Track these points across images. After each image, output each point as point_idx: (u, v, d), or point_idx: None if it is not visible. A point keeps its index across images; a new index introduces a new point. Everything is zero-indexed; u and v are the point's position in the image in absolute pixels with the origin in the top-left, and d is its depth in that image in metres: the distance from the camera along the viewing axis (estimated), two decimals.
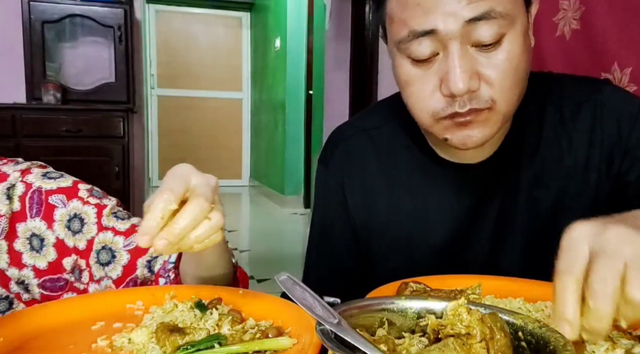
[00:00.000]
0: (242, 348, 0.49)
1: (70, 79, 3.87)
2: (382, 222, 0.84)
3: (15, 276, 0.76)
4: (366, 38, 4.08)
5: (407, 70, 0.68)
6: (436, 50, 0.64)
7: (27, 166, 0.80)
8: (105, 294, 0.67)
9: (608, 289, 0.42)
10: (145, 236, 0.48)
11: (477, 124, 0.67)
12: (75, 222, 0.78)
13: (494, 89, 0.65)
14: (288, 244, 4.31)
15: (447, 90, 0.64)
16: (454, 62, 0.63)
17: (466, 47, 0.63)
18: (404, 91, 0.71)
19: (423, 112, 0.69)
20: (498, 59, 0.64)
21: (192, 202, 0.50)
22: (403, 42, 0.66)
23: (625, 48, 1.25)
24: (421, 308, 0.48)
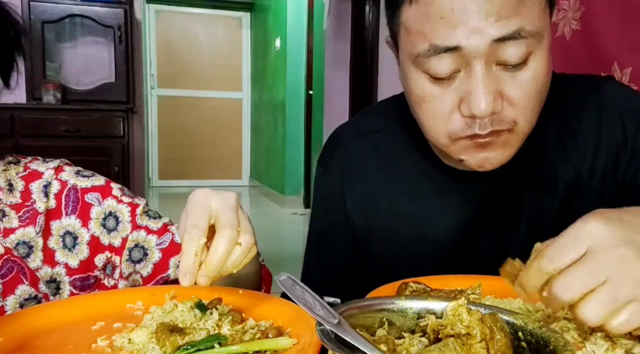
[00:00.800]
0: (242, 348, 0.49)
1: (70, 79, 3.87)
2: (383, 229, 0.82)
3: (48, 274, 0.77)
4: (366, 38, 4.08)
5: (423, 87, 0.63)
6: (458, 68, 0.60)
7: (57, 164, 0.82)
8: (105, 294, 0.67)
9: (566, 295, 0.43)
10: (185, 276, 0.52)
11: (497, 145, 0.64)
12: (110, 220, 0.80)
13: (516, 109, 0.61)
14: (288, 244, 4.30)
15: (468, 111, 0.60)
16: (477, 82, 0.58)
17: (491, 66, 0.59)
18: (418, 107, 0.66)
19: (439, 132, 0.65)
20: (523, 79, 0.60)
21: (221, 236, 0.53)
22: (421, 57, 0.61)
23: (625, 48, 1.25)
24: (421, 308, 0.48)
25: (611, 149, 0.73)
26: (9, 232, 0.75)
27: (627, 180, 0.72)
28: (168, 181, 7.12)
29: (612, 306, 0.42)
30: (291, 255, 3.97)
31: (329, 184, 0.87)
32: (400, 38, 0.65)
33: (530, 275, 0.47)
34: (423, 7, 0.59)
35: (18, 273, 0.74)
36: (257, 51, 6.94)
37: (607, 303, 0.42)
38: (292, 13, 5.36)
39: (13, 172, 0.79)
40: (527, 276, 0.47)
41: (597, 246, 0.44)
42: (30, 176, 0.79)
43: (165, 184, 7.10)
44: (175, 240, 0.82)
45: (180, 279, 0.52)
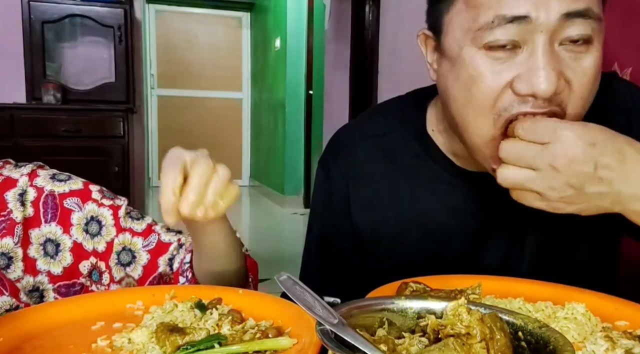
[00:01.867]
0: (242, 348, 0.49)
1: (70, 79, 3.87)
2: (391, 235, 0.81)
3: (30, 283, 0.75)
4: (366, 38, 4.08)
5: (478, 64, 0.59)
6: (520, 42, 0.57)
7: (31, 168, 0.79)
8: (105, 294, 0.67)
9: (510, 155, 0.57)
10: (168, 213, 0.53)
11: None
12: (93, 225, 0.78)
13: (572, 95, 0.58)
14: (288, 244, 4.30)
15: (528, 88, 0.56)
16: (541, 58, 0.56)
17: (554, 44, 0.57)
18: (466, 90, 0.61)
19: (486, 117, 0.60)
20: (586, 64, 0.58)
21: (196, 165, 0.54)
22: (483, 29, 0.57)
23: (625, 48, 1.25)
24: (421, 308, 0.48)
25: None
26: None
27: None
28: None
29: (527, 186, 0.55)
30: (291, 255, 3.97)
31: (332, 188, 0.84)
32: (454, 16, 0.61)
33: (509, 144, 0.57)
34: None
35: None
36: (257, 51, 6.94)
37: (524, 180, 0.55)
38: (292, 13, 5.36)
39: None
40: None
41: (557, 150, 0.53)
42: (4, 184, 0.76)
43: None
44: (161, 240, 0.80)
45: (164, 217, 0.53)
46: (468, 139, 0.65)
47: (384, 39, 3.28)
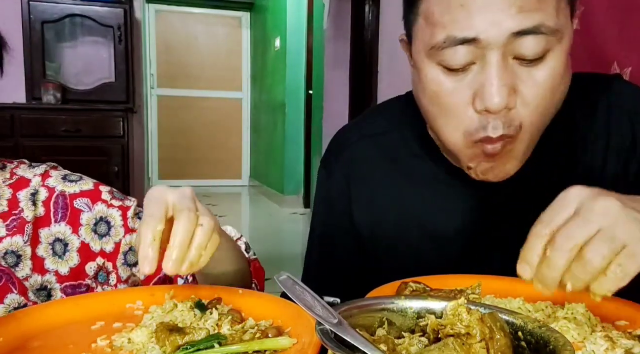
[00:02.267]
0: (242, 348, 0.49)
1: (70, 79, 3.87)
2: (391, 235, 0.80)
3: (39, 282, 0.76)
4: (366, 38, 4.08)
5: (438, 80, 0.62)
6: (473, 60, 0.59)
7: (44, 169, 0.80)
8: (105, 294, 0.67)
9: (568, 244, 0.45)
10: (144, 262, 0.50)
11: (502, 158, 0.63)
12: (102, 226, 0.79)
13: (526, 109, 0.60)
14: (288, 244, 4.30)
15: (482, 105, 0.58)
16: (492, 75, 0.57)
17: (507, 59, 0.58)
18: (433, 104, 0.65)
19: (456, 131, 0.63)
20: (539, 77, 0.59)
21: (179, 218, 0.52)
22: (437, 48, 0.59)
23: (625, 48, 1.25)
24: (421, 308, 0.48)
25: (621, 152, 0.71)
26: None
27: (638, 181, 0.70)
28: (168, 181, 7.12)
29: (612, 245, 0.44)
30: (291, 255, 3.97)
31: (334, 188, 0.84)
32: (418, 30, 0.64)
33: (530, 244, 0.48)
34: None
35: (7, 283, 0.73)
36: (257, 51, 6.94)
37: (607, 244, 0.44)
38: (292, 13, 5.36)
39: (0, 179, 0.77)
40: (527, 246, 0.48)
41: (584, 203, 0.47)
42: (18, 184, 0.77)
43: (165, 184, 7.07)
44: None
45: (141, 266, 0.50)
46: (444, 145, 0.68)
47: (384, 39, 3.28)
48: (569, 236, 0.45)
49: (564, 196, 0.49)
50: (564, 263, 0.45)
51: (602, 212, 0.46)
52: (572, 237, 0.45)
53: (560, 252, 0.45)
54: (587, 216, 0.46)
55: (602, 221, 0.45)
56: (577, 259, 0.45)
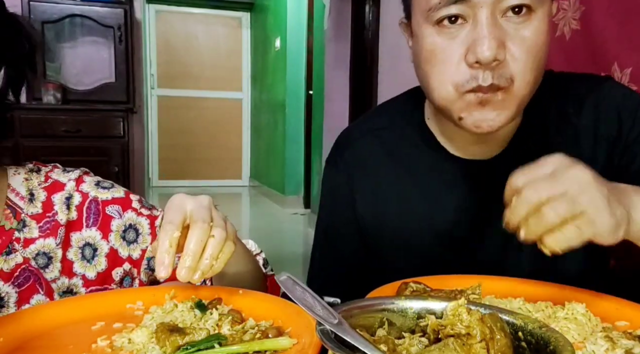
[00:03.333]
0: (242, 348, 0.49)
1: (70, 79, 3.87)
2: (393, 225, 0.83)
3: (65, 285, 0.77)
4: (366, 38, 4.08)
5: (433, 40, 0.67)
6: (465, 18, 0.64)
7: (78, 174, 0.82)
8: (105, 294, 0.67)
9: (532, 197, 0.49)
10: (160, 267, 0.53)
11: (494, 105, 0.66)
12: (130, 232, 0.81)
13: (516, 64, 0.64)
14: (288, 244, 4.30)
15: (473, 57, 0.63)
16: (483, 29, 0.62)
17: (496, 16, 0.63)
18: (427, 62, 0.69)
19: (446, 83, 0.67)
20: (526, 33, 0.64)
21: (193, 228, 0.55)
22: (433, 10, 0.65)
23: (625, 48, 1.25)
24: (421, 308, 0.48)
25: (608, 144, 0.75)
26: (29, 242, 0.75)
27: (620, 173, 0.73)
28: (168, 181, 7.12)
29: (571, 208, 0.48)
30: (291, 255, 3.97)
31: (338, 182, 0.87)
32: (415, 2, 0.70)
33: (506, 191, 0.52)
34: None
35: (34, 283, 0.75)
36: (257, 51, 6.94)
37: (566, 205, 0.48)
38: (292, 13, 5.36)
39: (35, 181, 0.79)
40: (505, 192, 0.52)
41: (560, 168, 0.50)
42: (53, 187, 0.79)
43: (165, 184, 7.10)
44: None
45: (157, 271, 0.53)
46: (436, 101, 0.71)
47: (384, 39, 3.28)
48: (535, 189, 0.49)
49: (545, 158, 0.52)
50: (523, 213, 0.49)
51: (572, 178, 0.49)
52: (537, 191, 0.49)
53: (523, 202, 0.49)
54: (557, 177, 0.49)
55: (569, 185, 0.48)
56: (534, 212, 0.49)
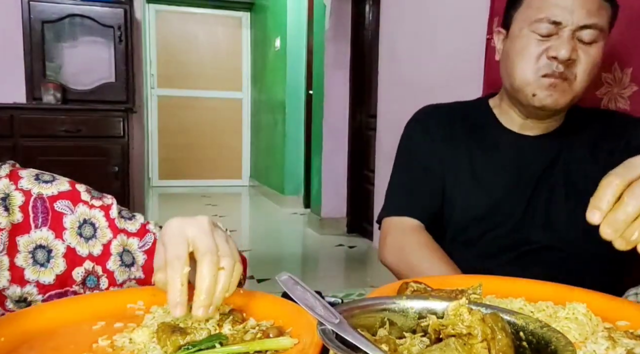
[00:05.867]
0: (243, 348, 0.49)
1: (70, 79, 3.87)
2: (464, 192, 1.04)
3: (17, 294, 0.71)
4: (366, 38, 4.08)
5: (528, 40, 0.95)
6: (554, 32, 0.92)
7: (8, 169, 0.74)
8: (105, 294, 0.67)
9: None
10: (176, 307, 0.51)
11: (559, 89, 0.93)
12: (86, 228, 0.75)
13: (580, 67, 0.92)
14: (288, 244, 4.30)
15: (554, 52, 0.91)
16: (564, 40, 0.91)
17: (573, 38, 0.91)
18: (518, 54, 0.96)
19: (529, 68, 0.94)
20: (590, 51, 0.92)
21: (202, 263, 0.52)
22: (536, 22, 0.93)
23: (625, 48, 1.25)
24: (422, 307, 0.48)
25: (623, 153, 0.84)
26: None
27: None
28: (168, 181, 7.12)
29: None
30: (291, 255, 3.97)
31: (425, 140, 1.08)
32: (519, 14, 0.97)
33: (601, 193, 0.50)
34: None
35: None
36: (257, 51, 6.94)
37: None
38: (292, 13, 5.35)
39: None
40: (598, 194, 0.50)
41: None
42: None
43: (165, 184, 7.10)
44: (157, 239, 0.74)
45: (172, 311, 0.51)
46: (516, 82, 0.97)
47: (384, 39, 3.28)
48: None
49: (630, 160, 0.52)
50: (637, 209, 0.48)
51: None
52: None
53: (636, 199, 0.48)
54: None
55: None
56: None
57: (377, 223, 1.13)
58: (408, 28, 2.92)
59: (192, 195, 6.50)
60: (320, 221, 4.40)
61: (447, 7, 2.50)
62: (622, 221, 0.48)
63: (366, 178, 4.14)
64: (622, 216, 0.48)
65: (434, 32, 2.62)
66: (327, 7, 4.12)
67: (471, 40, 2.24)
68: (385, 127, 3.27)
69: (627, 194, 0.49)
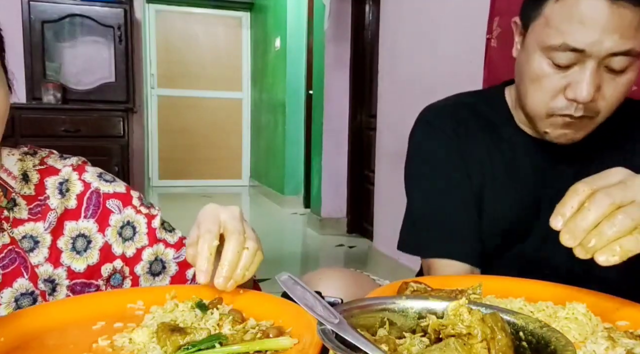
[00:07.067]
0: (242, 347, 0.49)
1: (70, 78, 3.87)
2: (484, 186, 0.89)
3: (48, 273, 0.75)
4: (366, 38, 4.08)
5: (543, 69, 0.77)
6: (575, 62, 0.74)
7: (76, 162, 0.80)
8: (105, 294, 0.67)
9: (606, 201, 0.49)
10: (201, 273, 0.58)
11: (576, 126, 0.79)
12: (127, 229, 0.79)
13: (604, 102, 0.76)
14: (288, 244, 4.30)
15: (572, 95, 0.74)
16: (587, 77, 0.73)
17: (600, 67, 0.73)
18: (531, 83, 0.79)
19: (542, 103, 0.79)
20: (619, 83, 0.75)
21: (230, 240, 0.59)
22: (552, 48, 0.74)
23: None
24: (422, 307, 0.48)
25: None
26: (18, 223, 0.74)
27: None
28: (168, 181, 7.12)
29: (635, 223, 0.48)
30: (291, 255, 3.97)
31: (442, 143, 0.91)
32: (536, 25, 0.78)
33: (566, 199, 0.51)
34: (567, 8, 0.72)
35: (19, 266, 0.73)
36: (257, 51, 6.94)
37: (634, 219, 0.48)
38: (292, 13, 5.35)
39: (30, 163, 0.77)
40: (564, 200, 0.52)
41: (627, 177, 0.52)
42: (47, 171, 0.77)
43: (165, 184, 7.10)
44: None
45: (198, 277, 0.57)
46: (527, 109, 0.83)
47: (384, 39, 3.28)
48: (608, 193, 0.49)
49: (609, 170, 0.54)
50: (597, 216, 0.49)
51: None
52: (610, 196, 0.49)
53: (596, 206, 0.49)
54: (629, 184, 0.50)
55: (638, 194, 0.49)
56: (607, 218, 0.49)
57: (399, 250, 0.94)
58: (408, 28, 2.92)
59: (192, 195, 6.50)
60: (321, 221, 4.41)
61: (447, 7, 2.50)
62: (581, 228, 0.49)
63: (366, 178, 4.14)
64: (581, 223, 0.49)
65: (434, 32, 2.62)
66: (327, 7, 4.12)
67: (471, 40, 2.24)
68: (386, 127, 3.27)
69: (589, 200, 0.50)
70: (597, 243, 0.48)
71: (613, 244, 0.48)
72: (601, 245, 0.48)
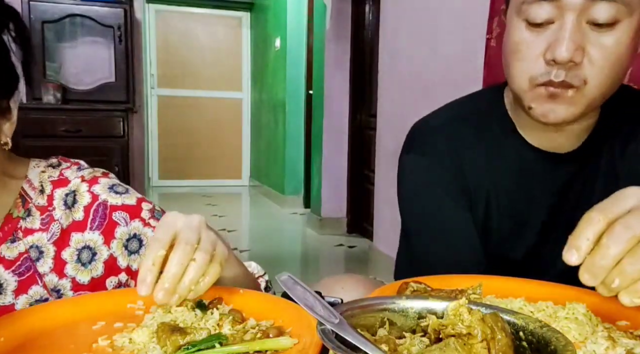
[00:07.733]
0: (242, 347, 0.49)
1: (70, 79, 3.87)
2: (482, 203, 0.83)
3: (53, 283, 0.76)
4: (366, 38, 4.08)
5: (520, 33, 0.71)
6: (553, 18, 0.67)
7: (92, 174, 0.80)
8: (105, 294, 0.67)
9: (626, 234, 0.43)
10: (142, 284, 0.52)
11: (563, 100, 0.69)
12: (133, 242, 0.78)
13: (592, 68, 0.67)
14: (288, 244, 4.30)
15: (551, 55, 0.67)
16: (565, 32, 0.65)
17: (581, 22, 0.65)
18: (512, 53, 0.73)
19: (523, 73, 0.71)
20: (607, 42, 0.66)
21: (175, 251, 0.53)
22: (526, 3, 0.68)
23: None
24: (422, 307, 0.48)
25: None
26: (29, 232, 0.75)
27: None
28: (168, 181, 7.12)
29: None
30: (291, 255, 3.97)
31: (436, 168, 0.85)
32: None
33: (580, 229, 0.46)
34: None
35: (34, 274, 0.74)
36: (257, 51, 6.94)
37: None
38: (292, 13, 5.35)
39: (46, 175, 0.79)
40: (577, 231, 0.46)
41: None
42: (59, 182, 0.78)
43: (165, 184, 7.10)
44: None
45: (138, 288, 0.52)
46: (512, 90, 0.76)
47: (384, 39, 3.28)
48: (627, 225, 0.44)
49: (622, 191, 0.48)
50: (619, 252, 0.43)
51: None
52: (630, 228, 0.44)
53: (616, 242, 0.43)
54: None
55: None
56: (629, 254, 0.43)
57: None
58: (408, 28, 2.92)
59: (192, 195, 6.50)
60: (320, 221, 4.41)
61: (447, 7, 2.50)
62: (602, 268, 0.44)
63: (366, 178, 4.14)
64: (601, 261, 0.44)
65: (434, 32, 2.62)
66: (327, 7, 4.12)
67: (471, 40, 2.24)
68: (386, 127, 3.27)
69: (607, 235, 0.44)
70: (622, 283, 0.44)
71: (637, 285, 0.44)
72: (626, 285, 0.44)
